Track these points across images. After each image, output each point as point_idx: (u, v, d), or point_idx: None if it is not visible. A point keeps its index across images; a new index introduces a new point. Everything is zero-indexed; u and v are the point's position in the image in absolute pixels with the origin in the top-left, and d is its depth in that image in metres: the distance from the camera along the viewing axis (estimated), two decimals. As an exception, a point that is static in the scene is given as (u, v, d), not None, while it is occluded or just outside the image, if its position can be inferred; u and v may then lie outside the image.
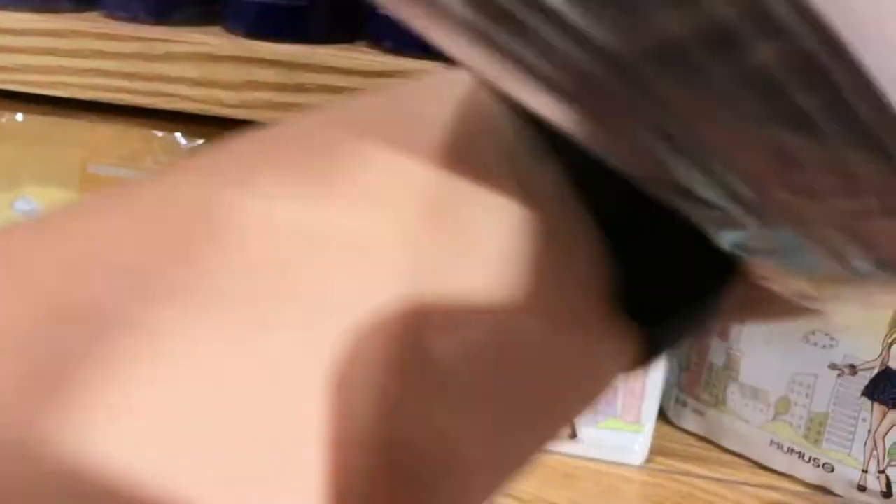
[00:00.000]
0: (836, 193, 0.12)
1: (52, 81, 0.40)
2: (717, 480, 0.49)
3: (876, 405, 0.46)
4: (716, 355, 0.51)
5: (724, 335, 0.50)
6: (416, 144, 0.14)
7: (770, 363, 0.48)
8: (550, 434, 0.16)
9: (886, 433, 0.46)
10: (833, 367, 0.46)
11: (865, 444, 0.46)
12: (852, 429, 0.46)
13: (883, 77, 0.10)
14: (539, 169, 0.14)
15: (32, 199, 0.45)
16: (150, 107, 0.38)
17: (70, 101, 0.42)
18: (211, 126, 0.43)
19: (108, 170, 0.43)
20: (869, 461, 0.46)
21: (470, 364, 0.14)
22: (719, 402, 0.51)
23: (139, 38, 0.39)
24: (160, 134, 0.44)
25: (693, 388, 0.52)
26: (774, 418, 0.49)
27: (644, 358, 0.16)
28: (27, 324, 0.12)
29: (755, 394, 0.49)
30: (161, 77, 0.38)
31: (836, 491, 0.48)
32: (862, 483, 0.47)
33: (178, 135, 0.44)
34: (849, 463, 0.47)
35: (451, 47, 0.12)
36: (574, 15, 0.10)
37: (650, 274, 0.15)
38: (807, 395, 0.47)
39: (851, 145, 0.11)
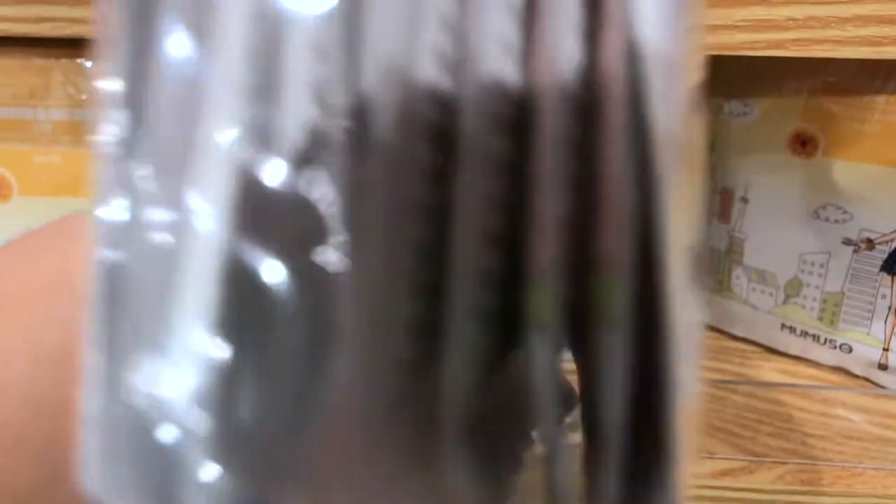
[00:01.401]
0: None
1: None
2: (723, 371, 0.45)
3: (896, 279, 0.41)
4: (717, 239, 0.46)
5: (724, 217, 0.46)
6: None
7: (777, 244, 0.44)
8: None
9: (908, 307, 0.42)
10: (848, 242, 0.42)
11: (886, 320, 0.42)
12: (870, 307, 0.42)
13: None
14: None
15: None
16: (36, 35, 0.32)
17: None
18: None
19: (5, 112, 0.38)
20: (890, 339, 0.43)
21: None
22: (724, 289, 0.47)
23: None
24: (63, 62, 0.38)
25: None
26: (785, 301, 0.45)
27: None
28: None
29: (762, 277, 0.45)
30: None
31: (856, 371, 0.44)
32: (883, 361, 0.43)
33: (81, 60, 0.38)
34: (868, 342, 0.43)
35: None
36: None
37: None
38: (819, 275, 0.43)
39: None
